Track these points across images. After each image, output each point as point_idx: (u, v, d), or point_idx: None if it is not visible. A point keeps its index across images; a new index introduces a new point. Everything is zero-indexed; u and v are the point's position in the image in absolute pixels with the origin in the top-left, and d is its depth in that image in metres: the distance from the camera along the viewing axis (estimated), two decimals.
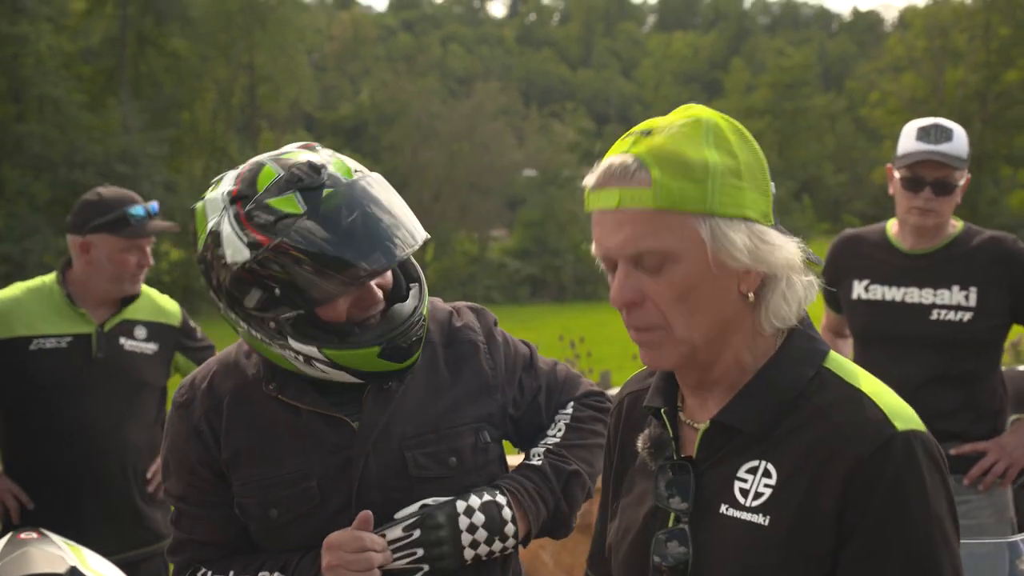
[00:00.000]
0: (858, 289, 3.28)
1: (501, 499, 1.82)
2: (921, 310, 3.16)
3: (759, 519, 1.29)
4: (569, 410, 2.01)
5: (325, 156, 1.79)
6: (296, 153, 1.79)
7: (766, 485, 1.30)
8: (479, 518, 1.79)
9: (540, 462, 1.91)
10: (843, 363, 1.37)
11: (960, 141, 3.10)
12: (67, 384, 3.19)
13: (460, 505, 1.79)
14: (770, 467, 1.31)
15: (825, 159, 57.23)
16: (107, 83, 33.63)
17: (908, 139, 3.14)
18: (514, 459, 2.06)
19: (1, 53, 27.64)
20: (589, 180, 1.32)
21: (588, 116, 66.73)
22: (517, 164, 41.98)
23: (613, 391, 3.16)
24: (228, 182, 1.78)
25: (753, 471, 1.32)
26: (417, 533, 1.76)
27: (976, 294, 3.12)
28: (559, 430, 1.97)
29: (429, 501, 1.80)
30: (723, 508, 1.33)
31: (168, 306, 3.47)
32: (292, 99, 39.90)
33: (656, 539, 1.37)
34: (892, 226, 3.31)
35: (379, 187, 1.77)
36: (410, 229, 1.76)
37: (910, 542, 1.25)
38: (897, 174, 3.16)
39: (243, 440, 1.84)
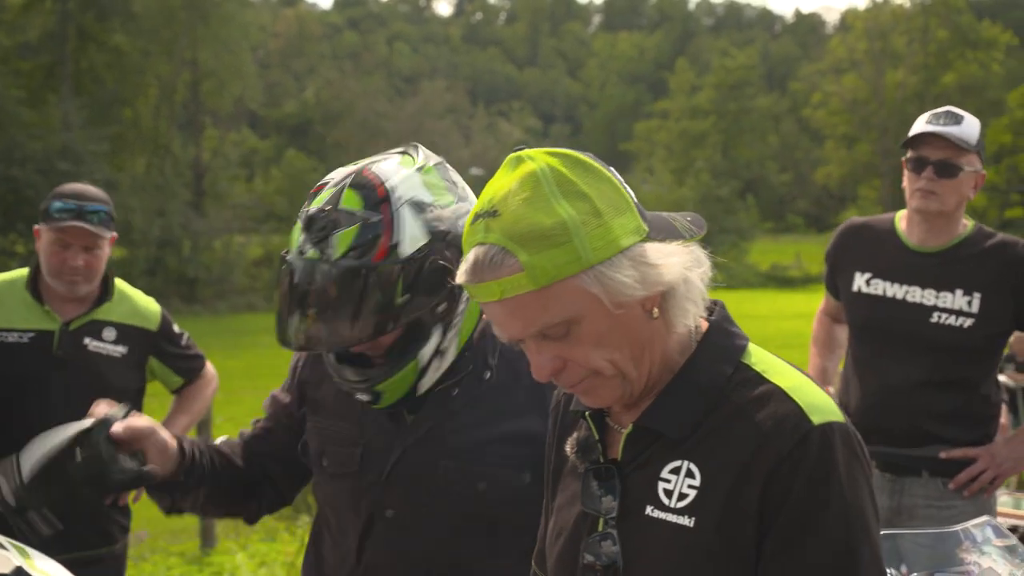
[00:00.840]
0: (859, 281, 3.18)
1: None
2: (922, 311, 3.06)
3: (684, 520, 1.30)
4: None
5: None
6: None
7: (690, 486, 1.32)
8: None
9: None
10: (762, 357, 1.39)
11: (969, 128, 3.02)
12: (28, 380, 3.11)
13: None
14: (693, 467, 1.32)
15: (769, 159, 57.95)
16: (47, 79, 33.06)
17: (919, 123, 3.07)
18: None
19: None
20: (461, 276, 1.31)
21: (534, 115, 66.95)
22: (463, 163, 42.04)
23: None
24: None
25: (676, 471, 1.33)
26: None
27: (979, 300, 3.03)
28: None
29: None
30: (648, 510, 1.34)
31: (147, 309, 3.33)
32: (236, 96, 39.50)
33: (587, 541, 1.38)
34: (901, 218, 3.21)
35: None
36: None
37: (829, 533, 1.26)
38: (905, 158, 3.10)
39: (324, 392, 1.98)
